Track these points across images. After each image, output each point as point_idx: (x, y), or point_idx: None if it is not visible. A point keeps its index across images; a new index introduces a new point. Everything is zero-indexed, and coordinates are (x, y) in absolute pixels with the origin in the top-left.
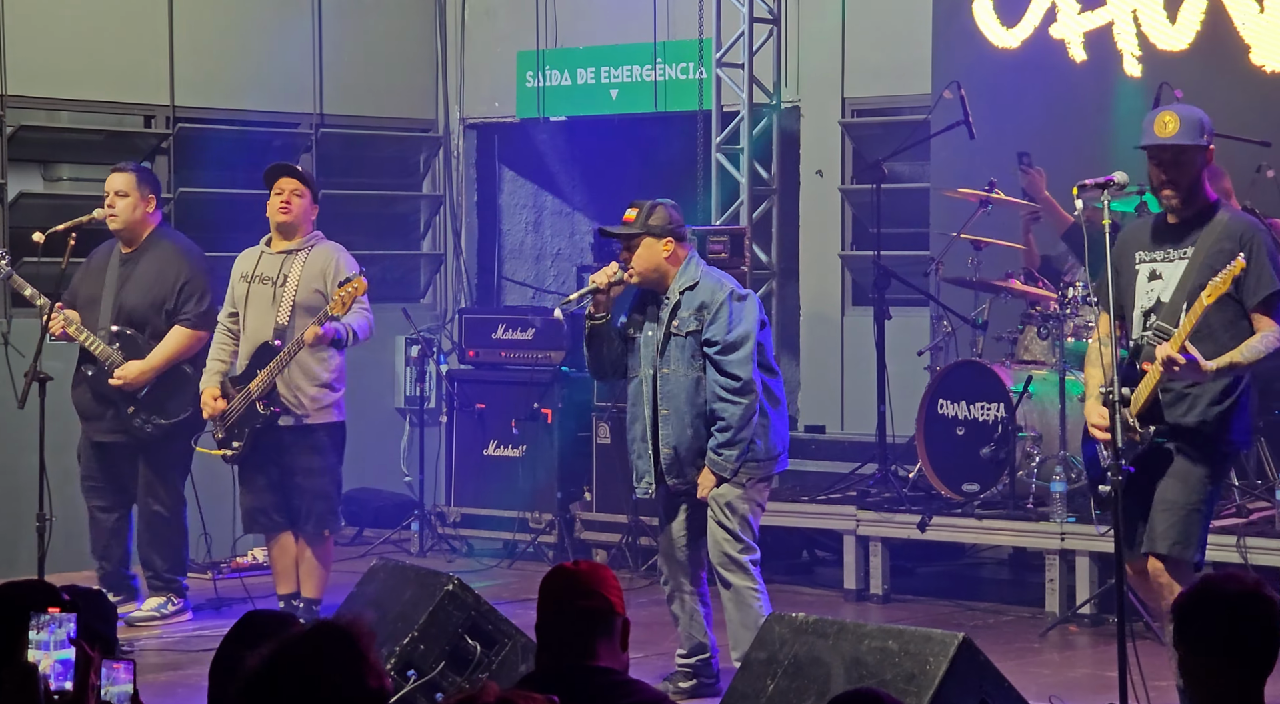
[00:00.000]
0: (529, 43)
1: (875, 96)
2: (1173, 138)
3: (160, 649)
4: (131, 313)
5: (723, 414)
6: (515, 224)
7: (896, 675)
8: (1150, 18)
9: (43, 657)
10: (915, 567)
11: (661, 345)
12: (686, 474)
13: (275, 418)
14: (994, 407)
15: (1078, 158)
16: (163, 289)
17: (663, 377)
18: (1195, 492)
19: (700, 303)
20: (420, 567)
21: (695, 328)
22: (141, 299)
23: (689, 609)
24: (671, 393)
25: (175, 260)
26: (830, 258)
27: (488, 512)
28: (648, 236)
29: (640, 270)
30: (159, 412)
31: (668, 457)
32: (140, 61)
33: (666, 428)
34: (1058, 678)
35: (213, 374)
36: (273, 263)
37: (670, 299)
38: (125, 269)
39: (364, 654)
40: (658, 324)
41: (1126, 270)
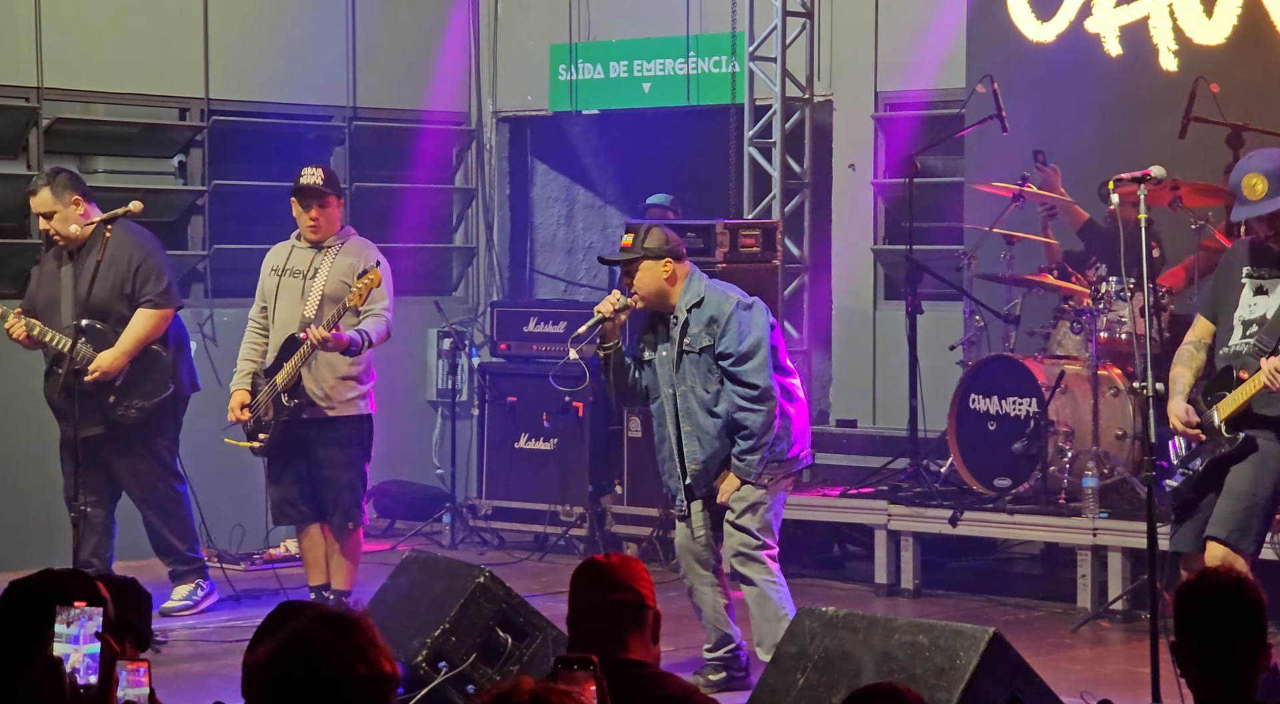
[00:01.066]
0: (562, 36)
1: (908, 90)
2: (1264, 202)
3: (193, 640)
4: (93, 304)
5: (745, 422)
6: (547, 217)
7: (927, 670)
8: (1187, 11)
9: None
10: (946, 562)
11: (676, 363)
12: (713, 484)
13: (299, 411)
14: (1026, 401)
15: (1113, 152)
16: (118, 274)
17: (681, 395)
18: (1265, 485)
19: (709, 317)
20: (452, 559)
21: (708, 343)
22: (100, 289)
23: (711, 602)
24: (691, 409)
25: (123, 244)
26: (862, 252)
27: (519, 504)
28: (646, 259)
29: (643, 294)
30: (138, 395)
31: (695, 472)
32: (175, 54)
33: (692, 444)
34: (1089, 674)
35: (243, 375)
36: (303, 257)
37: (678, 317)
38: (76, 265)
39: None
40: (670, 343)
41: (1232, 283)
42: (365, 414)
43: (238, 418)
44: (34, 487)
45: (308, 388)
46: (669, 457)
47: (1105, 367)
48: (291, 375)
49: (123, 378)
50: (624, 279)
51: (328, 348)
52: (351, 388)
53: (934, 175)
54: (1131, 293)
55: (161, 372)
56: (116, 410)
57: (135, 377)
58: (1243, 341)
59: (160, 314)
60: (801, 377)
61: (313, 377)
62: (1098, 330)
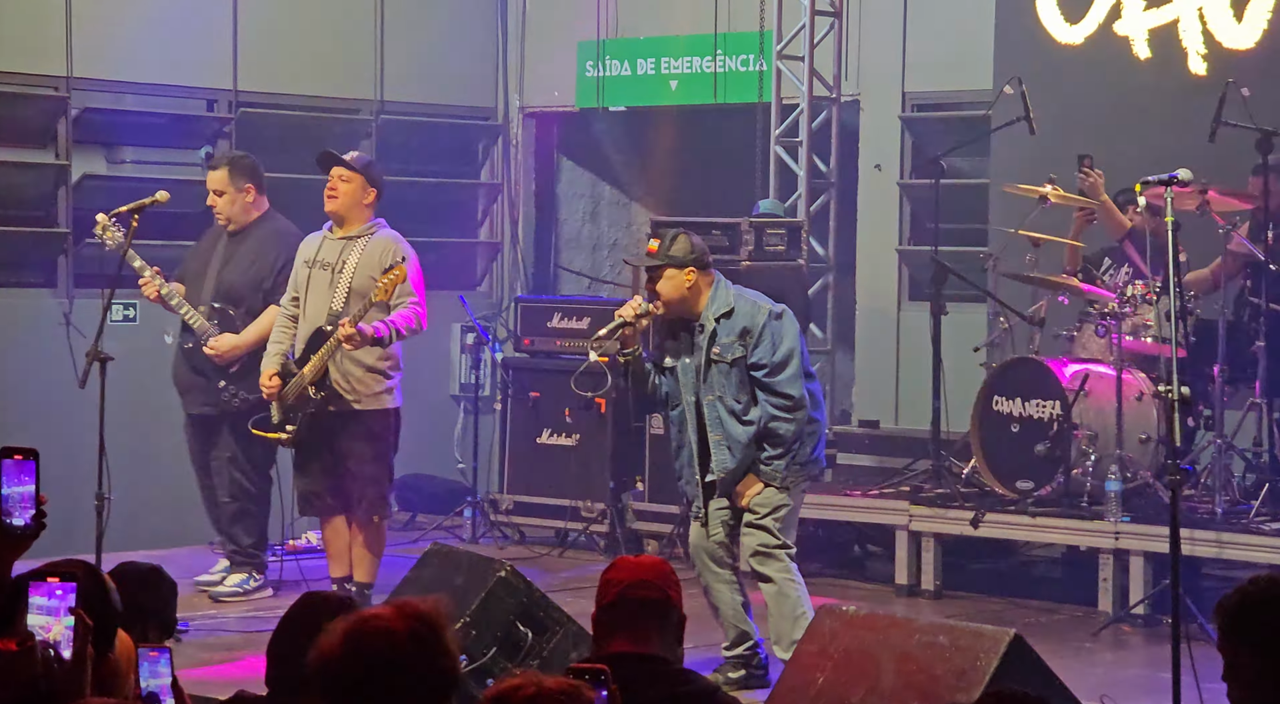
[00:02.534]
0: (589, 32)
1: (936, 91)
2: None
3: (214, 630)
4: (230, 290)
5: (779, 431)
6: (572, 213)
7: (947, 671)
8: (1216, 15)
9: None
10: (967, 563)
11: (703, 373)
12: (736, 488)
13: (326, 403)
14: (1050, 404)
15: (1140, 156)
16: (262, 269)
17: (709, 404)
18: None
19: (742, 328)
20: (474, 552)
21: (741, 354)
22: (241, 277)
23: (729, 600)
24: (721, 419)
25: (276, 243)
26: (887, 252)
27: (540, 500)
28: (670, 267)
29: (666, 300)
30: (248, 386)
31: (724, 481)
32: (204, 46)
33: (722, 453)
34: (1110, 677)
35: (273, 356)
36: (333, 249)
37: (705, 326)
38: (229, 249)
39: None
40: (696, 351)
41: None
42: (392, 408)
43: (269, 391)
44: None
45: (335, 380)
46: (687, 463)
47: (1130, 370)
48: (319, 368)
49: (238, 366)
50: (647, 285)
51: (355, 344)
52: (379, 381)
53: (960, 176)
54: (1158, 296)
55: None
56: (224, 395)
57: (249, 367)
58: None
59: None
60: (824, 376)
61: (340, 369)
62: (1123, 334)
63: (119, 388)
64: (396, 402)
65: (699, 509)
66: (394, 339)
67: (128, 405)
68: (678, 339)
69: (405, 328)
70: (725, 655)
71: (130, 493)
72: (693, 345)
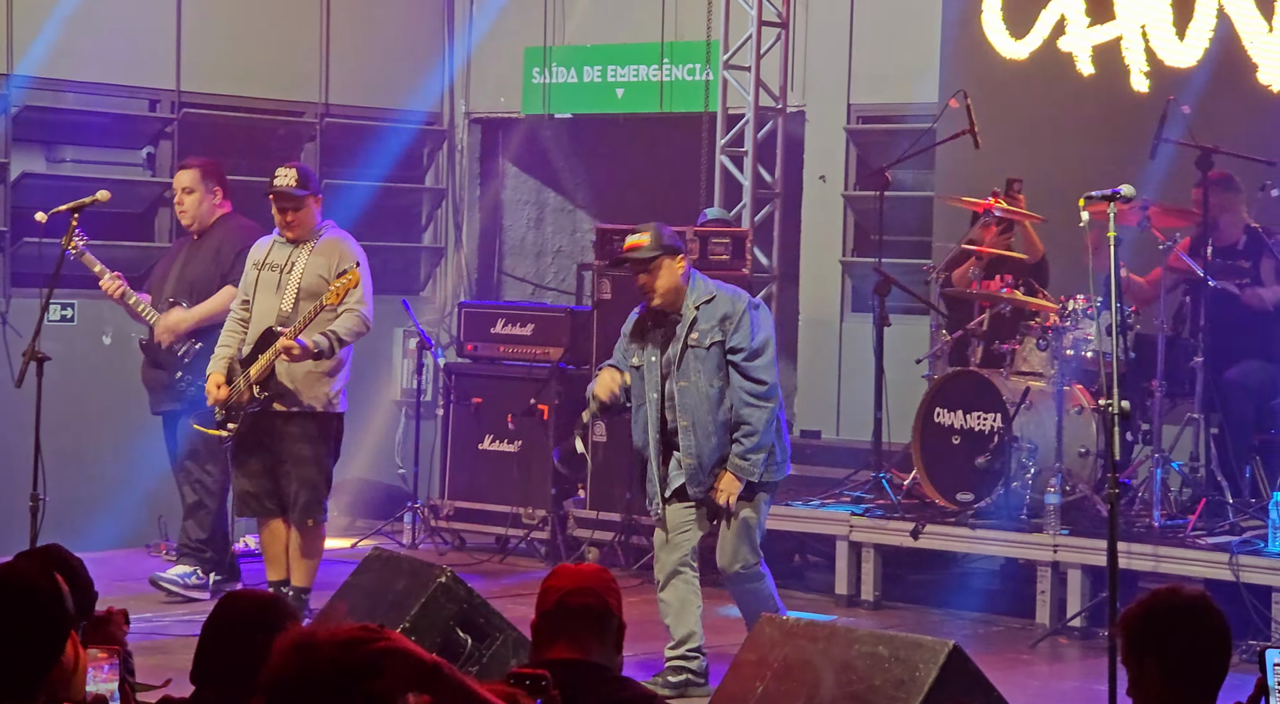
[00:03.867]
0: (536, 39)
1: (881, 103)
2: None
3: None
4: (193, 283)
5: (749, 419)
6: (517, 220)
7: (886, 681)
8: (1159, 34)
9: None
10: (907, 574)
11: (679, 359)
12: (705, 483)
13: (269, 402)
14: (991, 417)
15: (1083, 171)
16: (224, 259)
17: (681, 390)
18: None
19: (723, 314)
20: (414, 558)
21: (719, 339)
22: (202, 271)
23: (681, 596)
24: (692, 405)
25: (238, 235)
26: (831, 263)
27: (481, 506)
28: (665, 257)
29: (663, 293)
30: (202, 375)
31: (690, 467)
32: (147, 45)
33: (689, 439)
34: (1047, 689)
35: (220, 360)
36: (283, 252)
37: (685, 315)
38: (192, 250)
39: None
40: (673, 341)
41: None
42: (336, 412)
43: (214, 398)
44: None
45: (281, 380)
46: (656, 452)
47: (1070, 384)
48: (264, 368)
49: (192, 356)
50: (641, 280)
51: (292, 357)
52: (324, 384)
53: (904, 189)
54: (1098, 311)
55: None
56: (181, 385)
57: (204, 358)
58: None
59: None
60: None
61: (286, 371)
62: (1064, 347)
63: (56, 388)
64: (341, 406)
65: (659, 507)
66: (335, 349)
67: (65, 405)
68: (644, 338)
69: (347, 333)
70: (668, 656)
71: (66, 494)
72: (670, 337)
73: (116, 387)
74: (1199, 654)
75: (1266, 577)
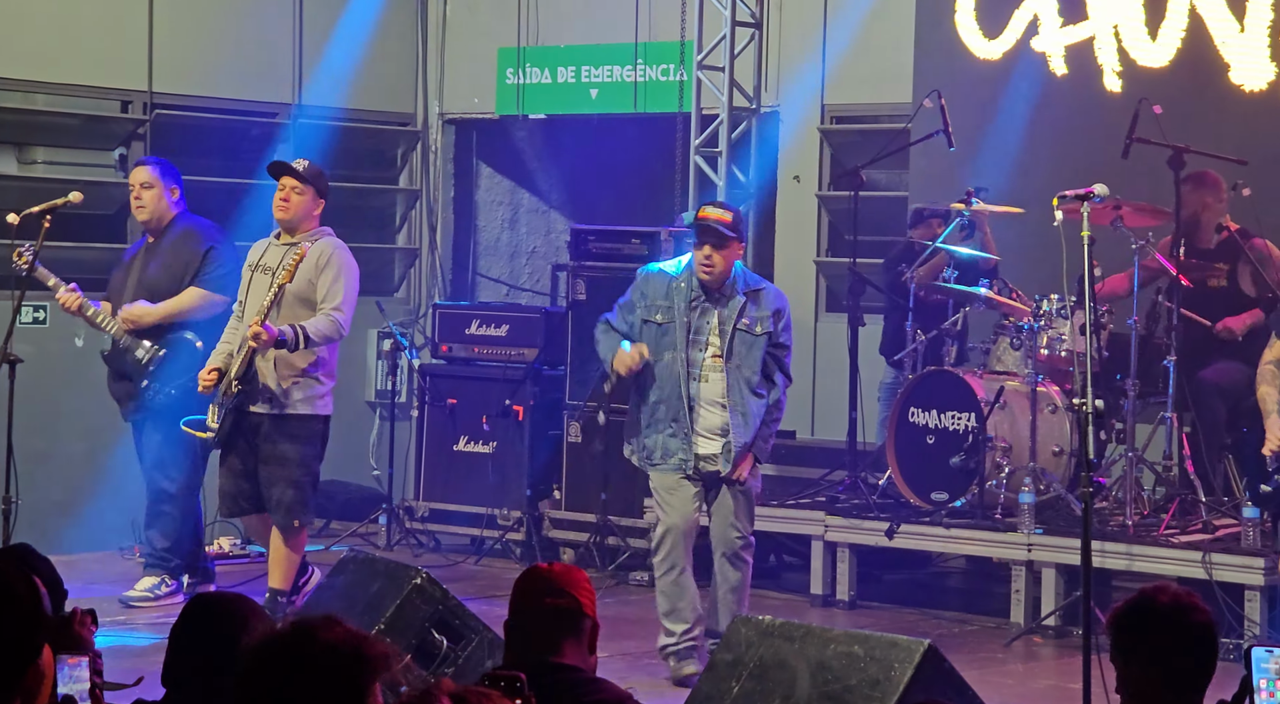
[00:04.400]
0: (510, 39)
1: (855, 103)
2: None
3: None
4: (152, 287)
5: (779, 409)
6: (491, 220)
7: (861, 681)
8: (1131, 33)
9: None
10: (882, 574)
11: (728, 341)
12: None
13: (246, 400)
14: (965, 416)
15: (1057, 170)
16: (183, 260)
17: (729, 370)
18: None
19: (776, 308)
20: (390, 559)
21: (770, 330)
22: (163, 273)
23: (693, 584)
24: (738, 388)
25: (196, 235)
26: (805, 264)
27: (456, 507)
28: (737, 242)
29: (721, 270)
30: (168, 380)
31: (730, 445)
32: (119, 46)
33: (737, 419)
34: (1021, 688)
35: (219, 354)
36: (277, 254)
37: (734, 299)
38: (149, 255)
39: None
40: (701, 315)
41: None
42: (321, 414)
43: (204, 384)
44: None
45: (266, 383)
46: (673, 417)
47: (1044, 383)
48: (242, 365)
49: (155, 363)
50: (707, 250)
51: (259, 342)
52: (309, 386)
53: (879, 189)
54: (1072, 310)
55: (189, 361)
56: (148, 394)
57: (167, 364)
58: None
59: (207, 295)
60: None
61: (272, 372)
62: (1038, 347)
63: (28, 390)
64: (326, 409)
65: (683, 463)
66: (301, 343)
67: (37, 408)
68: (669, 299)
69: (316, 333)
70: (681, 643)
71: (38, 496)
72: (705, 312)
73: (89, 389)
74: (1185, 653)
75: (1239, 574)
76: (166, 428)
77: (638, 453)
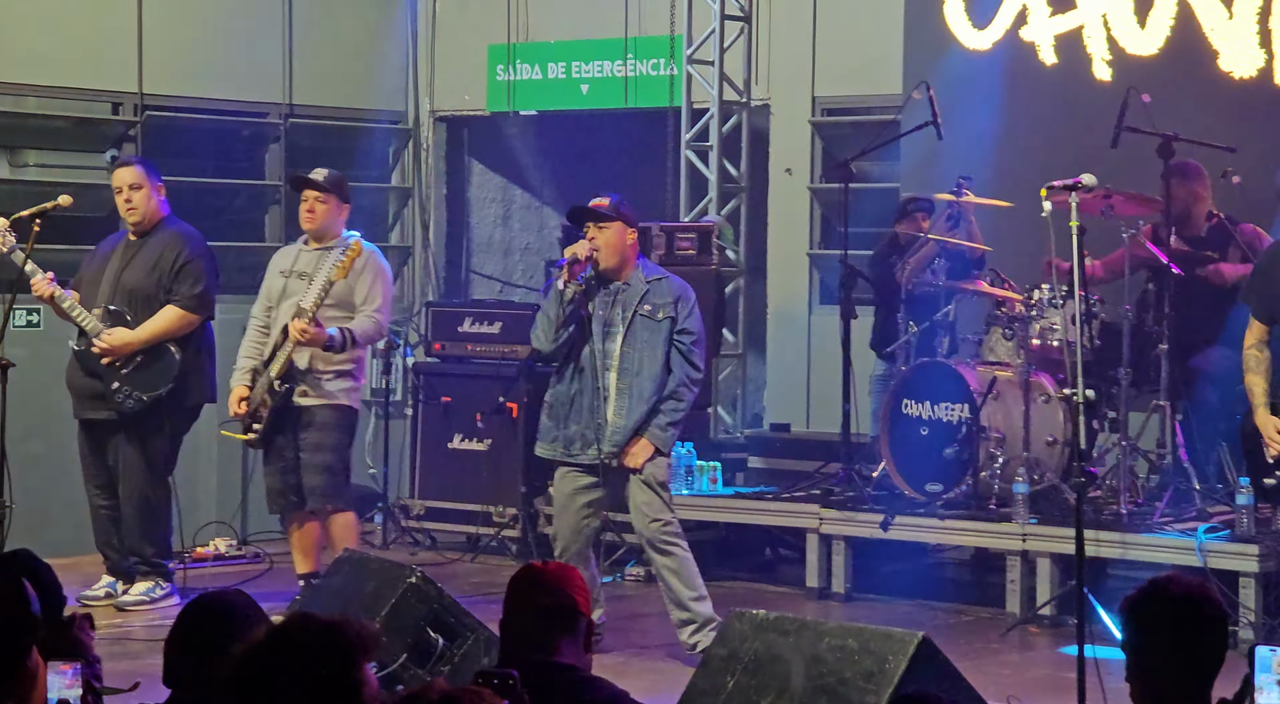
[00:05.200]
0: (500, 36)
1: (846, 95)
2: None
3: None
4: (132, 292)
5: (681, 398)
6: (484, 217)
7: (856, 674)
8: (1120, 22)
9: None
10: (877, 566)
11: (627, 325)
12: (620, 446)
13: (290, 395)
14: (958, 407)
15: (1046, 160)
16: (163, 269)
17: (625, 354)
18: None
19: (677, 296)
20: (384, 558)
21: (672, 316)
22: (143, 279)
23: (590, 576)
24: (633, 371)
25: (178, 243)
26: (798, 256)
27: (452, 505)
28: (620, 222)
29: (607, 252)
30: (140, 386)
31: (619, 429)
32: (109, 48)
33: (624, 400)
34: (1017, 678)
35: (242, 372)
36: (309, 260)
37: (633, 285)
38: (129, 253)
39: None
40: (610, 307)
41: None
42: (353, 406)
43: (236, 412)
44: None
45: (305, 377)
46: (588, 408)
47: (1037, 373)
48: (284, 364)
49: (131, 367)
50: (590, 235)
51: (307, 337)
52: (344, 381)
53: (870, 181)
54: (1064, 300)
55: (167, 369)
56: (117, 397)
57: (142, 370)
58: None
59: (183, 316)
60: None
61: (311, 367)
62: (1030, 337)
63: (22, 394)
64: (356, 403)
65: (598, 455)
66: (348, 345)
67: (31, 412)
68: (590, 293)
69: (362, 335)
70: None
71: (33, 501)
72: (611, 302)
73: None
74: (1196, 643)
75: (1234, 562)
76: (142, 438)
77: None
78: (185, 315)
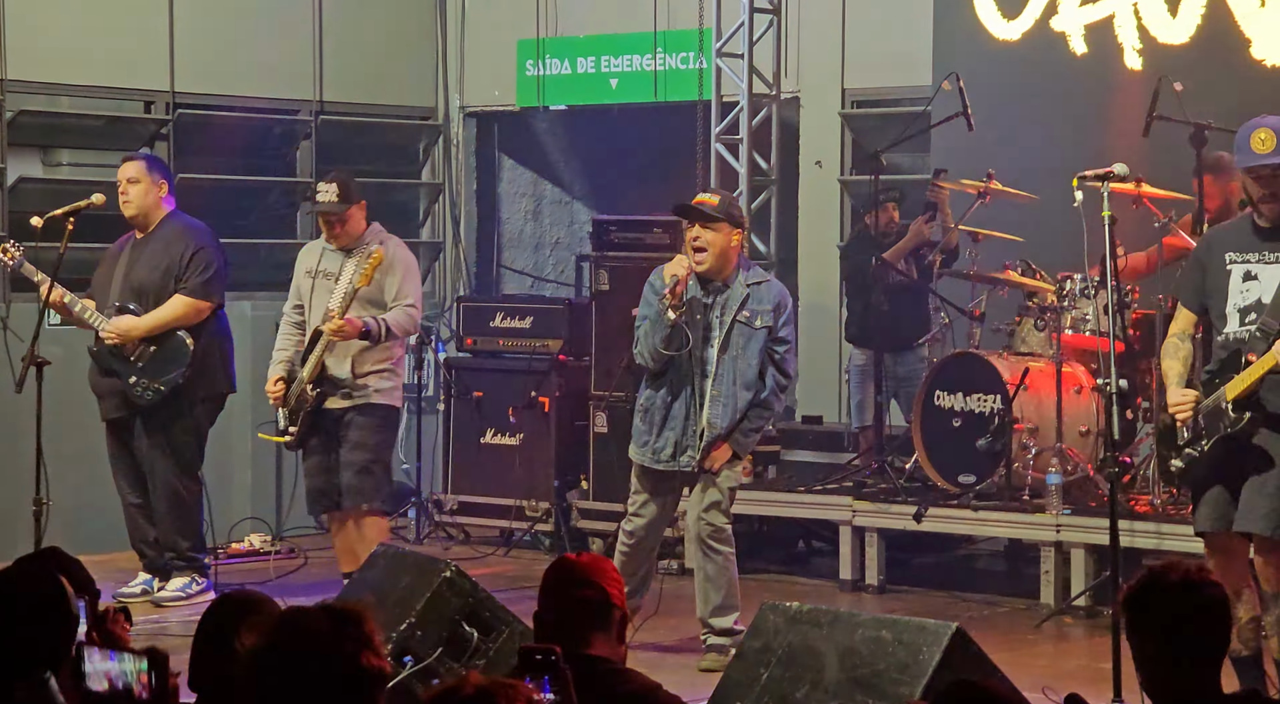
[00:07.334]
0: (529, 31)
1: (875, 87)
2: (1273, 154)
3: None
4: (140, 287)
5: (771, 404)
6: (514, 212)
7: (890, 665)
8: (1151, 10)
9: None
10: (911, 557)
11: (726, 332)
12: (706, 453)
13: (323, 399)
14: (991, 398)
15: (1077, 150)
16: (170, 261)
17: (721, 361)
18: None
19: (776, 303)
20: (419, 553)
21: (770, 324)
22: (150, 274)
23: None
24: (727, 377)
25: (184, 235)
26: (829, 248)
27: (485, 500)
28: (727, 222)
29: (713, 253)
30: (155, 375)
31: (712, 434)
32: (140, 47)
33: (717, 408)
34: (1052, 669)
35: (278, 363)
36: (334, 259)
37: (734, 289)
38: (136, 252)
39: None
40: (712, 309)
41: (1216, 271)
42: (393, 405)
43: (272, 395)
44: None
45: (342, 377)
46: (683, 415)
47: (1069, 364)
48: (315, 366)
49: (145, 359)
50: (695, 232)
51: (343, 335)
52: (383, 378)
53: (900, 172)
54: (1096, 290)
55: (180, 357)
56: (135, 390)
57: (155, 361)
58: (1242, 328)
59: (192, 303)
60: None
61: (348, 366)
62: (1062, 327)
63: (57, 392)
64: (398, 400)
65: (693, 460)
66: (383, 336)
67: (66, 409)
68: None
69: (396, 326)
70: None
71: (69, 497)
72: (709, 305)
73: None
74: (1197, 628)
75: None
76: (164, 431)
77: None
78: (193, 302)
